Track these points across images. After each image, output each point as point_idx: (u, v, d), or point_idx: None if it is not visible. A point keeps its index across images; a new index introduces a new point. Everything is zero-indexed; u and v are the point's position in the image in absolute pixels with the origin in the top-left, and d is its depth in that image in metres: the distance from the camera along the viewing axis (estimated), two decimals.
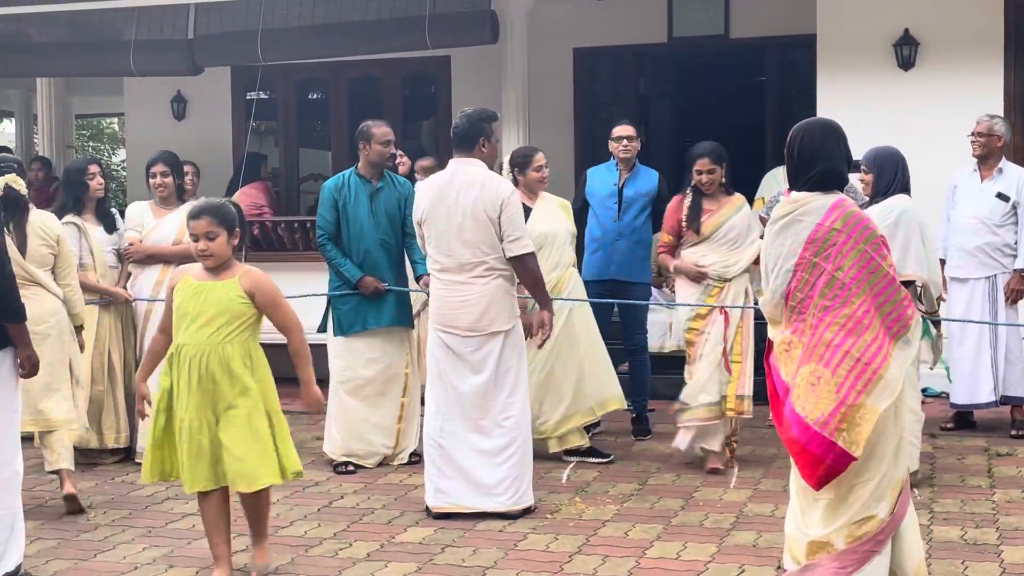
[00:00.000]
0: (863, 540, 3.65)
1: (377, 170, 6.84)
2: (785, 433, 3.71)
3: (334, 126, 12.13)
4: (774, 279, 3.78)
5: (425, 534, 5.41)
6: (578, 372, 6.70)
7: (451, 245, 5.64)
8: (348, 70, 11.70)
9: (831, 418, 3.59)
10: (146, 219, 7.02)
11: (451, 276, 5.65)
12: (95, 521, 5.73)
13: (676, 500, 5.94)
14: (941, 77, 8.46)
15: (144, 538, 5.45)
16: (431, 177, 5.96)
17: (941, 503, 5.75)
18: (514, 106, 9.65)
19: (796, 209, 3.77)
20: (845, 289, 3.67)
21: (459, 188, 5.66)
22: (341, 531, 5.50)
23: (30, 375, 4.81)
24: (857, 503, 3.66)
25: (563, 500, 5.96)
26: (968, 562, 4.85)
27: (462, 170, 5.73)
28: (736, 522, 5.51)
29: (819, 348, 3.66)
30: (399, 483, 6.39)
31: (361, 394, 6.76)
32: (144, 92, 12.28)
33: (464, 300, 5.63)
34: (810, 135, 3.84)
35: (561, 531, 5.42)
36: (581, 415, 6.73)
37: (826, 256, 3.69)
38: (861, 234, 3.70)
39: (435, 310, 5.73)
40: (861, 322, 3.65)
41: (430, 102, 11.92)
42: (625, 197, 7.36)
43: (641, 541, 5.24)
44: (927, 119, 8.45)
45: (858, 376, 3.61)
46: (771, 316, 3.84)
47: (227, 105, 12.05)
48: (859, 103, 8.47)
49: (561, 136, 10.99)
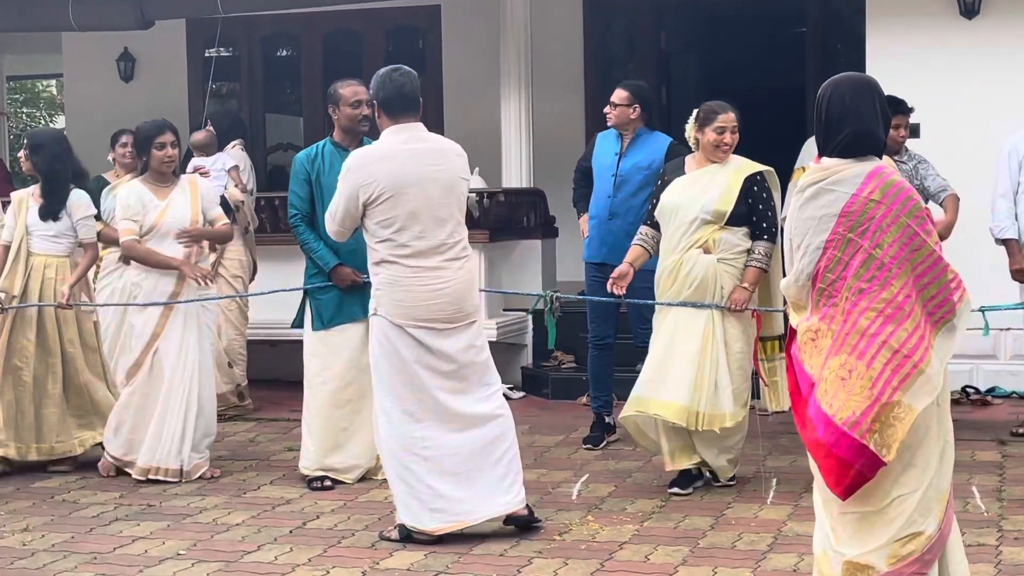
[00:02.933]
0: (909, 561, 3.64)
1: (354, 137, 6.79)
2: (808, 435, 3.69)
3: (307, 88, 12.14)
4: (800, 257, 3.76)
5: (414, 559, 5.41)
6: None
7: (424, 225, 5.59)
8: (322, 23, 11.70)
9: (864, 418, 3.58)
10: (147, 202, 6.90)
11: (421, 261, 5.59)
12: (32, 546, 5.74)
13: (704, 518, 5.94)
14: (1010, 25, 8.45)
15: (89, 565, 5.45)
16: (374, 148, 5.77)
17: (1012, 520, 5.75)
18: (514, 63, 9.66)
19: (827, 177, 3.74)
20: (884, 270, 3.65)
21: (425, 157, 5.64)
22: (317, 556, 5.50)
23: None
24: (901, 518, 3.66)
25: (574, 519, 5.96)
26: None
27: (416, 136, 5.70)
28: (774, 543, 5.51)
29: (852, 337, 3.64)
30: (383, 500, 6.39)
31: (340, 398, 6.72)
32: (86, 50, 12.30)
33: (440, 289, 5.61)
34: (839, 93, 3.81)
35: (571, 555, 5.41)
36: None
37: (863, 232, 3.67)
38: (903, 206, 3.68)
39: (398, 303, 5.58)
40: (902, 308, 3.63)
41: (418, 59, 11.89)
42: (621, 170, 7.34)
43: (664, 566, 5.24)
44: (993, 74, 8.44)
45: (895, 370, 3.60)
46: (795, 300, 3.82)
47: (182, 64, 12.07)
48: (915, 57, 8.47)
49: (568, 99, 11.00)
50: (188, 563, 5.43)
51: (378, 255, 5.60)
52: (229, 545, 5.67)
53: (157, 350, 6.81)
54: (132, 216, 6.81)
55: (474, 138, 10.73)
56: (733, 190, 6.21)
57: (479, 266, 9.07)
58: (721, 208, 6.21)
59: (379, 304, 5.61)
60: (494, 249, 9.30)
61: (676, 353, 6.20)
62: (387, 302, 5.58)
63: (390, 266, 5.57)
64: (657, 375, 6.22)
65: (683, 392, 6.12)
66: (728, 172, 6.29)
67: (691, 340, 6.18)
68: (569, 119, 10.89)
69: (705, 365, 6.14)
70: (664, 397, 6.16)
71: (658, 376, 6.21)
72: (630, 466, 6.97)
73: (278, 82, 12.67)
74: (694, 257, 6.24)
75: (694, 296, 6.21)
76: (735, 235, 6.20)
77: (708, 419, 6.12)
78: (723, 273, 6.22)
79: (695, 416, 6.11)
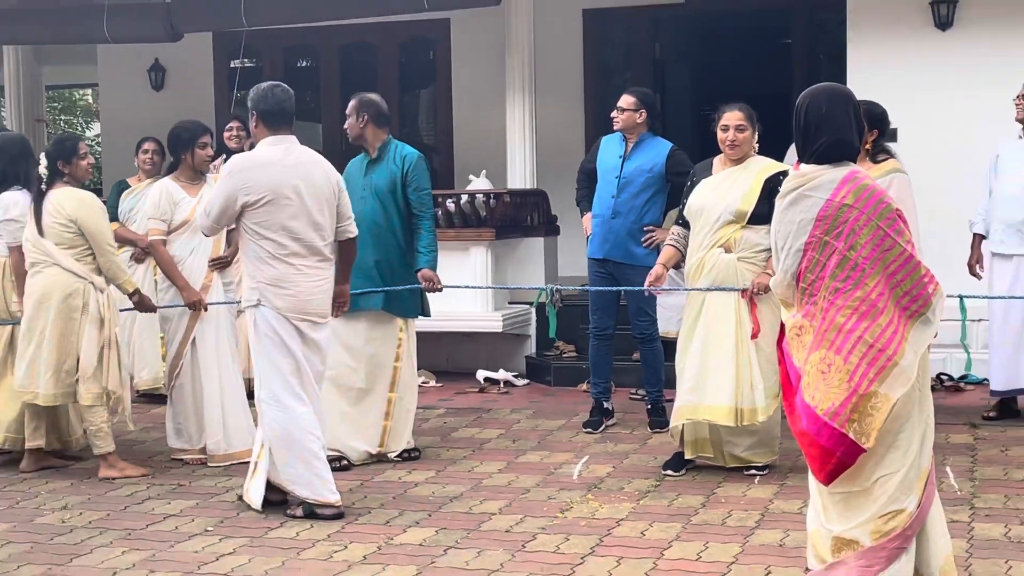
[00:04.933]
0: (891, 536, 3.66)
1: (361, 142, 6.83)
2: (795, 424, 3.72)
3: (325, 97, 12.15)
4: (784, 259, 3.78)
5: (425, 535, 5.42)
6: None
7: (300, 228, 5.66)
8: (339, 36, 11.71)
9: (842, 408, 3.60)
10: (180, 199, 6.80)
11: (303, 262, 5.67)
12: (71, 523, 5.75)
13: (696, 497, 5.94)
14: (982, 37, 8.44)
15: (123, 541, 5.46)
16: (254, 154, 5.76)
17: (983, 498, 5.75)
18: (518, 73, 9.66)
19: (804, 184, 3.75)
20: (858, 270, 3.66)
21: (304, 167, 5.72)
22: (335, 532, 5.50)
23: None
24: (884, 496, 3.67)
25: (575, 497, 5.97)
26: (1012, 561, 4.85)
27: (291, 148, 5.76)
28: (761, 520, 5.52)
29: (830, 333, 3.66)
30: (397, 480, 6.41)
31: (340, 386, 6.68)
32: (119, 61, 12.32)
33: (317, 286, 5.72)
34: (816, 103, 3.81)
35: (572, 531, 5.42)
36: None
37: (837, 234, 3.69)
38: (875, 209, 3.69)
39: (289, 297, 5.62)
40: (875, 305, 3.65)
41: (428, 70, 11.92)
42: (624, 172, 7.31)
43: (659, 541, 5.24)
44: (967, 83, 8.44)
45: (871, 363, 3.61)
46: (783, 298, 3.85)
47: (209, 74, 12.08)
48: (892, 67, 8.47)
49: (569, 105, 11.00)
50: (216, 539, 5.44)
51: (261, 253, 5.64)
52: (254, 522, 5.68)
53: (194, 342, 6.79)
54: (160, 216, 6.75)
55: (481, 142, 10.82)
56: (755, 190, 6.17)
57: (486, 262, 9.10)
58: (743, 208, 6.17)
59: (263, 298, 5.64)
60: (500, 246, 9.30)
61: (712, 361, 6.18)
62: (273, 296, 5.63)
63: (277, 264, 5.61)
64: (698, 383, 6.19)
65: (726, 396, 6.13)
66: (751, 173, 6.24)
67: (725, 347, 6.16)
68: (570, 124, 10.89)
69: (741, 368, 6.15)
70: (711, 402, 6.17)
71: (699, 384, 6.19)
72: (627, 448, 6.98)
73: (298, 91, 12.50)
74: (715, 256, 6.22)
75: (716, 293, 6.20)
76: (757, 234, 6.13)
77: (748, 415, 6.14)
78: (744, 271, 6.16)
79: (737, 414, 6.14)
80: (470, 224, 9.17)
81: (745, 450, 6.34)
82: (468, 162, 10.59)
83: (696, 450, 6.38)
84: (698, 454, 6.40)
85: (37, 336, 6.46)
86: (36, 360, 6.46)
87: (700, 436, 6.36)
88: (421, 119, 12.19)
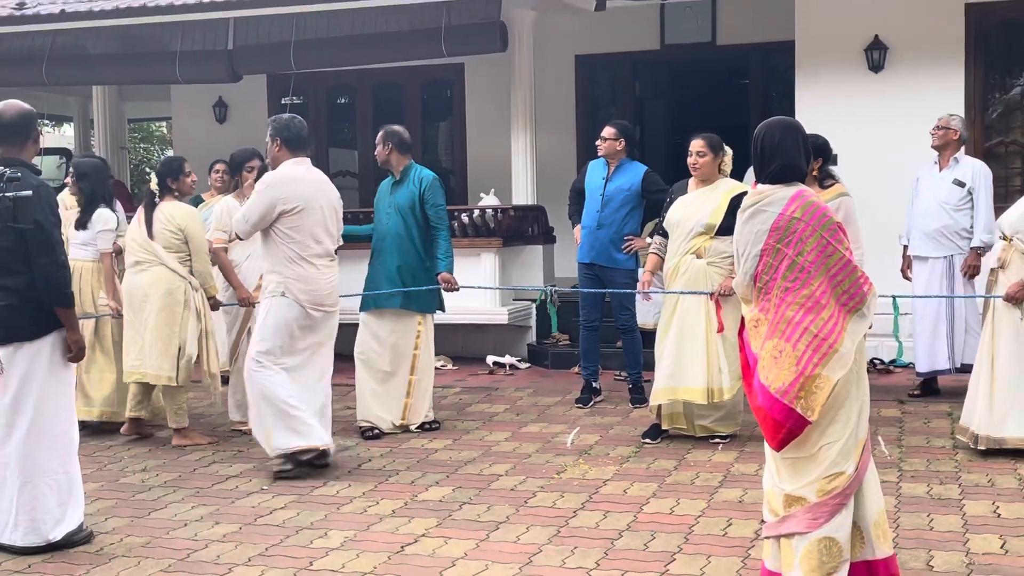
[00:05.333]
0: (833, 494, 3.65)
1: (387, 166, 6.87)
2: (753, 400, 3.73)
3: (360, 127, 12.12)
4: (744, 263, 3.78)
5: (444, 493, 5.42)
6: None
7: (322, 235, 5.77)
8: (372, 77, 11.69)
9: (791, 387, 3.60)
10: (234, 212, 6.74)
11: (321, 262, 5.77)
12: (149, 483, 5.75)
13: (670, 461, 5.93)
14: (908, 78, 8.42)
15: (193, 498, 5.47)
16: (287, 171, 5.78)
17: (909, 462, 5.74)
18: (522, 108, 9.64)
19: (761, 200, 3.76)
20: (804, 272, 3.67)
21: (321, 185, 5.85)
22: (369, 491, 5.50)
23: (76, 359, 4.74)
24: (827, 461, 3.67)
25: (568, 462, 5.96)
26: (933, 515, 4.84)
27: (309, 168, 5.86)
28: (724, 480, 5.51)
29: (781, 325, 3.66)
30: (420, 447, 6.40)
31: (370, 368, 6.74)
32: (189, 98, 12.31)
33: (331, 282, 5.81)
34: (771, 133, 3.80)
35: (566, 489, 5.42)
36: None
37: (787, 242, 3.68)
38: (819, 222, 3.69)
39: (310, 291, 5.69)
40: (819, 302, 3.65)
41: (446, 105, 11.89)
42: (607, 191, 7.27)
43: (638, 498, 5.24)
44: (895, 117, 8.42)
45: (815, 350, 3.62)
46: (743, 295, 3.85)
47: (263, 109, 12.05)
48: (834, 102, 8.45)
49: (564, 135, 10.99)
50: (269, 496, 5.45)
51: (289, 253, 5.71)
52: (301, 482, 5.68)
53: (250, 331, 6.75)
54: (223, 227, 6.73)
55: (490, 165, 10.81)
56: (722, 207, 6.16)
57: (494, 266, 9.08)
58: (711, 221, 6.17)
59: (287, 290, 5.70)
60: (506, 253, 9.28)
61: (686, 350, 6.19)
62: (297, 289, 5.71)
63: (301, 263, 5.69)
64: (676, 369, 6.20)
65: (700, 378, 6.14)
66: (719, 193, 6.25)
67: (697, 337, 6.17)
68: (564, 150, 10.87)
69: (711, 355, 6.15)
70: (687, 384, 6.18)
71: (677, 369, 6.20)
72: (612, 421, 6.97)
73: (338, 123, 12.63)
74: (688, 261, 6.22)
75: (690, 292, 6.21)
76: (723, 243, 6.09)
77: (717, 394, 6.15)
78: (713, 273, 6.18)
79: (709, 393, 6.14)
80: (481, 234, 9.15)
81: (713, 421, 6.33)
82: (479, 182, 10.57)
83: (671, 423, 6.38)
84: (673, 426, 6.39)
85: (142, 325, 6.44)
86: (144, 346, 6.44)
87: (675, 411, 6.37)
88: (440, 146, 12.17)
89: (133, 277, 6.52)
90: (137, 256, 6.50)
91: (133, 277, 6.52)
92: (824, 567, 3.61)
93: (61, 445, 4.70)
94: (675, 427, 6.40)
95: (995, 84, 8.63)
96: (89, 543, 4.76)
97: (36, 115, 4.72)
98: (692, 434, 6.36)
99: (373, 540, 4.73)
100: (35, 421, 4.61)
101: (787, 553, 3.67)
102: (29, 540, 4.63)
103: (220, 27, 9.75)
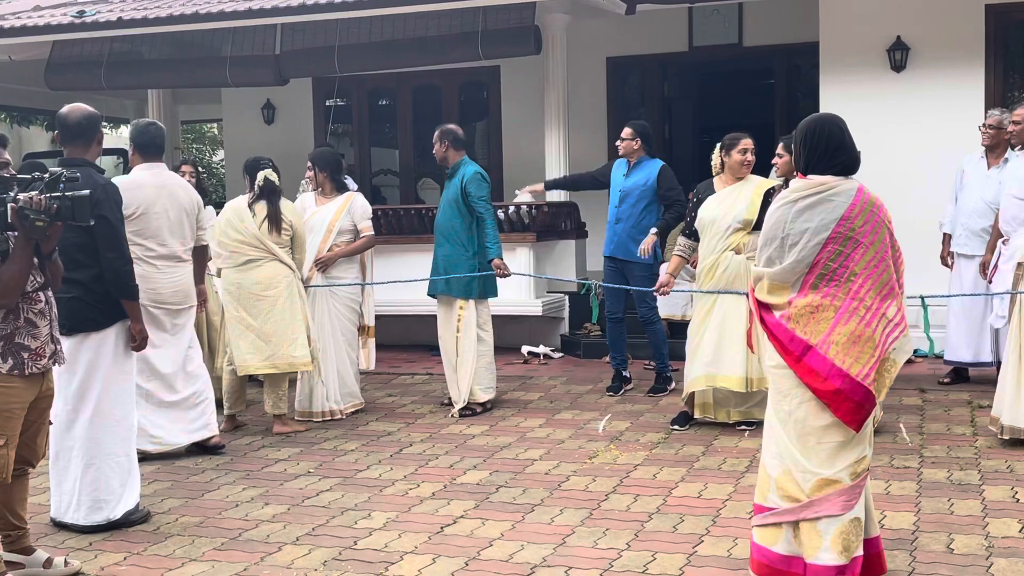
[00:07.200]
0: (862, 476, 3.66)
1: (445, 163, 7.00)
2: (820, 385, 3.63)
3: (400, 128, 12.16)
4: (798, 251, 3.69)
5: (481, 476, 5.43)
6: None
7: (165, 238, 5.70)
8: (412, 80, 11.72)
9: (871, 372, 3.61)
10: (308, 206, 6.91)
11: (165, 263, 5.71)
12: (202, 466, 5.81)
13: (698, 447, 5.92)
14: (929, 78, 8.33)
15: (244, 480, 5.52)
16: (135, 176, 5.72)
17: (930, 448, 5.69)
18: (555, 108, 9.63)
19: (826, 189, 3.70)
20: (883, 261, 3.69)
21: (169, 189, 5.74)
22: (410, 473, 5.53)
23: (139, 348, 4.81)
24: (860, 446, 3.67)
25: (600, 447, 5.96)
26: (954, 499, 4.80)
27: (162, 173, 5.78)
28: (750, 466, 5.48)
29: (860, 310, 3.64)
30: (459, 433, 6.42)
31: (443, 349, 7.00)
32: (239, 100, 12.40)
33: (175, 282, 5.74)
34: (832, 128, 3.77)
35: (598, 474, 5.42)
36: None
37: (863, 231, 3.67)
38: (886, 215, 3.72)
39: (150, 291, 5.57)
40: (893, 289, 3.68)
41: (483, 106, 11.90)
42: (624, 187, 7.27)
43: (668, 482, 5.23)
44: (916, 115, 8.34)
45: (889, 335, 3.65)
46: (781, 282, 3.75)
47: (309, 111, 12.12)
48: (856, 101, 8.37)
49: (595, 134, 10.95)
50: (316, 478, 5.49)
51: (136, 253, 5.54)
52: (346, 465, 5.73)
53: None
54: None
55: (525, 164, 10.81)
56: (756, 202, 6.10)
57: (529, 260, 9.08)
58: (748, 217, 6.11)
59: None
60: (540, 247, 9.27)
61: (726, 340, 6.11)
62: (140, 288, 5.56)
63: (140, 264, 5.52)
64: (715, 356, 6.14)
65: (739, 367, 6.08)
66: (751, 188, 6.18)
67: (737, 330, 6.07)
68: (595, 149, 10.82)
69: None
70: (726, 372, 6.13)
71: (716, 357, 6.13)
72: (642, 408, 6.95)
73: (379, 124, 12.68)
74: (728, 258, 6.16)
75: (731, 288, 6.13)
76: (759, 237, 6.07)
77: (756, 383, 6.09)
78: (752, 267, 6.10)
79: (748, 382, 6.10)
80: (516, 229, 9.16)
81: (747, 408, 6.29)
82: (515, 180, 10.57)
83: (703, 412, 6.34)
84: (704, 415, 6.36)
85: (260, 319, 6.38)
86: (269, 337, 6.36)
87: (706, 400, 6.33)
88: (477, 146, 12.18)
89: (244, 274, 6.40)
90: (248, 254, 6.41)
91: (244, 274, 6.40)
92: (852, 545, 3.62)
93: (123, 429, 4.77)
94: (706, 416, 6.36)
95: (1015, 83, 8.52)
96: (146, 522, 4.82)
97: (100, 117, 4.78)
98: (724, 421, 6.32)
99: (414, 521, 4.75)
100: (99, 407, 4.69)
101: (812, 536, 3.64)
102: (91, 519, 4.71)
103: (268, 33, 9.82)
